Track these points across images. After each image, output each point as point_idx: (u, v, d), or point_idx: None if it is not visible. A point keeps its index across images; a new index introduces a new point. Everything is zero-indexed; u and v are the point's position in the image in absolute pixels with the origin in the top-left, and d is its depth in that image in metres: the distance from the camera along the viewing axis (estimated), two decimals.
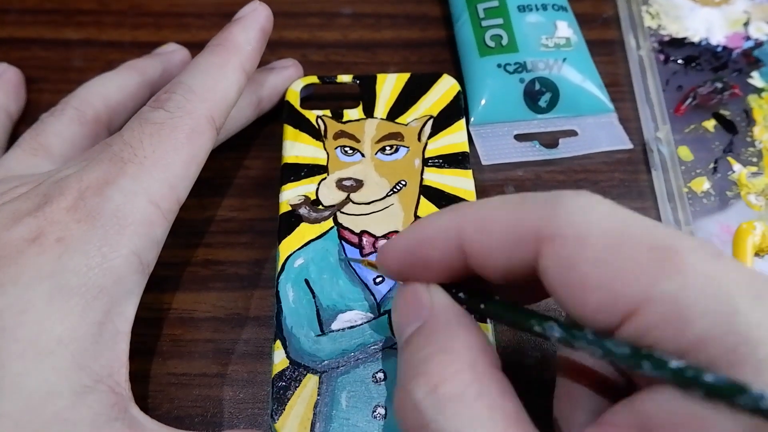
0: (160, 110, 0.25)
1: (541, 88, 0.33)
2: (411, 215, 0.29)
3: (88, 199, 0.23)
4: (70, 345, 0.21)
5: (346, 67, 0.36)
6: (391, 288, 0.27)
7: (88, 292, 0.22)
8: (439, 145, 0.31)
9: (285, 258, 0.28)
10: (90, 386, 0.21)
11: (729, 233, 0.29)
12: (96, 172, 0.24)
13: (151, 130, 0.24)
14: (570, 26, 0.35)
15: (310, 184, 0.30)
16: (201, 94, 0.25)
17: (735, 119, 0.33)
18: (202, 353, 0.27)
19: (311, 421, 0.24)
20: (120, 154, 0.24)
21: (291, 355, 0.26)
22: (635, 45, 0.36)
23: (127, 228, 0.23)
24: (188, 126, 0.25)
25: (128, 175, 0.23)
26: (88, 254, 0.22)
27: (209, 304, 0.29)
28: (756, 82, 0.34)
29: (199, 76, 0.26)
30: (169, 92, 0.26)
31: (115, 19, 0.37)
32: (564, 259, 0.17)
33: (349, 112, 0.32)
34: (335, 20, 0.37)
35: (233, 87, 0.26)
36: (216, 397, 0.27)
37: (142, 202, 0.23)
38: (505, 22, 0.35)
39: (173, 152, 0.24)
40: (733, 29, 0.36)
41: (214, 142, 0.26)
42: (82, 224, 0.22)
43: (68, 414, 0.21)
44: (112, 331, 0.23)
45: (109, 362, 0.22)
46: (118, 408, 0.22)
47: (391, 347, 0.26)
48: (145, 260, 0.24)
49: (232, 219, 0.31)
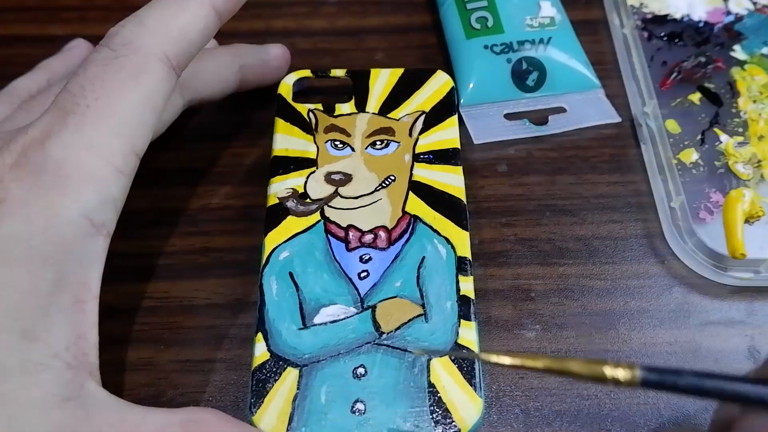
0: (105, 49, 0.22)
1: (528, 68, 0.34)
2: (399, 210, 0.29)
3: (30, 155, 0.21)
4: (18, 320, 0.20)
5: (334, 55, 0.36)
6: (375, 283, 0.27)
7: (32, 262, 0.20)
8: (431, 140, 0.31)
9: (270, 250, 0.28)
10: (43, 363, 0.20)
11: (719, 201, 0.30)
12: (40, 126, 0.21)
13: (94, 73, 0.22)
14: (553, 5, 0.35)
15: (298, 178, 0.30)
16: (153, 27, 0.23)
17: (719, 91, 0.34)
18: (204, 339, 0.28)
19: (289, 415, 0.24)
20: (62, 104, 0.22)
21: (272, 347, 0.25)
22: (619, 23, 0.37)
23: (71, 187, 0.21)
24: (135, 65, 0.22)
25: (70, 127, 0.21)
26: (30, 219, 0.20)
27: (209, 291, 0.29)
28: (738, 55, 0.35)
29: (156, 9, 0.23)
30: (119, 26, 0.23)
31: (99, 14, 0.37)
32: None
33: (341, 107, 0.32)
34: (322, 8, 0.38)
35: (196, 24, 0.23)
36: (220, 381, 0.27)
37: (86, 155, 0.21)
38: (489, 3, 0.35)
39: (119, 96, 0.22)
40: (714, 5, 0.37)
41: (173, 84, 0.24)
42: (23, 183, 0.20)
43: (17, 394, 0.19)
44: (67, 301, 0.21)
45: (64, 335, 0.21)
46: (74, 385, 0.20)
47: (372, 343, 0.26)
48: (98, 221, 0.22)
49: (228, 207, 0.31)
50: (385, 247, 0.28)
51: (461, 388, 0.25)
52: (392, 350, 0.25)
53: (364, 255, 0.28)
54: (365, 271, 0.27)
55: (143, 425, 0.21)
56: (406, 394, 0.25)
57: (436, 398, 0.24)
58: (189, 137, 0.33)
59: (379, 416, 0.24)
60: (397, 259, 0.28)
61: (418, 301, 0.27)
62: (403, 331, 0.26)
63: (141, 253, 0.29)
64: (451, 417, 0.24)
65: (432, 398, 0.24)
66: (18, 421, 0.19)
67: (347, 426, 0.24)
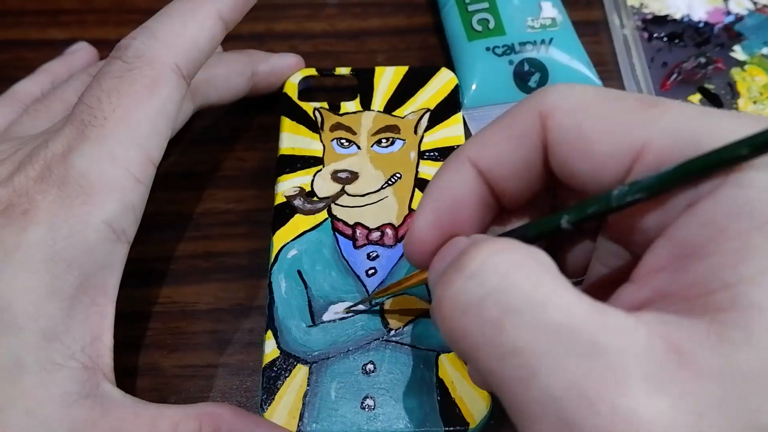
0: (118, 62, 0.23)
1: (530, 69, 0.34)
2: (405, 208, 0.29)
3: (54, 168, 0.22)
4: (39, 320, 0.21)
5: (335, 57, 0.36)
6: (383, 281, 0.27)
7: (55, 267, 0.21)
8: (436, 138, 0.31)
9: (278, 249, 0.28)
10: (60, 363, 0.21)
11: None
12: (60, 139, 0.22)
13: (110, 86, 0.23)
14: (554, 6, 0.35)
15: (305, 176, 0.30)
16: (164, 39, 0.23)
17: (720, 92, 0.34)
18: (206, 344, 0.27)
19: (300, 411, 0.24)
20: (80, 116, 0.22)
21: (282, 345, 0.26)
22: (619, 24, 0.37)
23: (93, 196, 0.22)
24: (149, 77, 0.23)
25: (90, 139, 0.22)
26: (54, 227, 0.21)
27: (211, 296, 0.29)
28: (738, 55, 0.35)
29: (166, 20, 0.24)
30: (130, 38, 0.24)
31: (98, 17, 0.37)
32: (568, 124, 0.18)
33: (346, 105, 0.32)
34: (322, 10, 0.38)
35: (204, 33, 0.24)
36: (223, 386, 0.27)
37: (108, 166, 0.22)
38: (490, 5, 0.35)
39: (135, 108, 0.23)
40: (714, 5, 0.37)
41: (185, 92, 0.24)
42: (47, 195, 0.21)
43: (37, 391, 0.20)
44: (86, 304, 0.22)
45: (81, 336, 0.22)
46: (90, 384, 0.21)
47: (381, 339, 0.26)
48: (119, 228, 0.22)
49: (229, 211, 0.31)
50: (392, 244, 0.28)
51: (469, 383, 0.25)
52: (401, 346, 0.26)
53: (371, 252, 0.28)
54: (373, 269, 0.27)
55: (159, 420, 0.21)
56: (414, 389, 0.25)
57: (444, 394, 0.25)
58: (191, 140, 0.33)
59: (389, 412, 0.24)
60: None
61: (425, 298, 0.27)
62: (411, 327, 0.26)
63: (144, 258, 0.29)
64: (459, 412, 0.24)
65: (440, 394, 0.25)
66: (35, 415, 0.20)
67: (357, 421, 0.24)
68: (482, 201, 0.20)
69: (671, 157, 0.16)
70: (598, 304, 0.15)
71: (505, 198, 0.20)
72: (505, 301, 0.15)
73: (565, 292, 0.15)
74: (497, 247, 0.16)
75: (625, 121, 0.17)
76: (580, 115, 0.18)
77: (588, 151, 0.18)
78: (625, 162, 0.17)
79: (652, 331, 0.15)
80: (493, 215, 0.21)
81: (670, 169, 0.16)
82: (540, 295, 0.15)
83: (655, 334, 0.15)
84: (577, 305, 0.15)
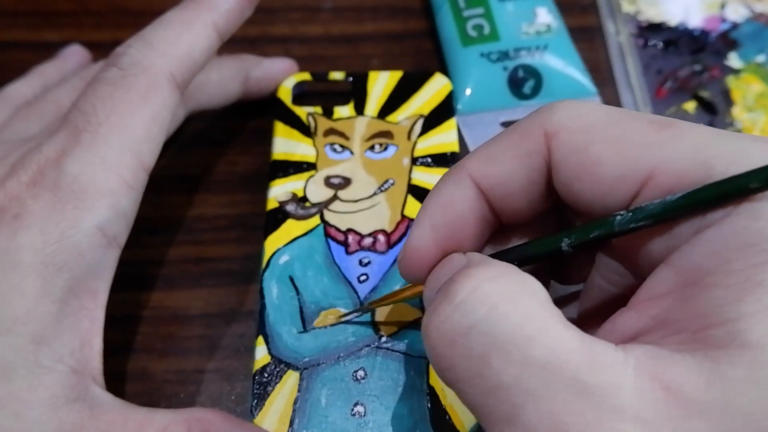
0: (113, 68, 0.23)
1: (524, 75, 0.34)
2: (398, 214, 0.29)
3: (47, 172, 0.22)
4: (28, 324, 0.21)
5: (329, 61, 0.36)
6: (374, 287, 0.27)
7: (45, 270, 0.21)
8: (429, 144, 0.31)
9: (270, 254, 0.28)
10: (48, 366, 0.21)
11: None
12: (54, 144, 0.22)
13: (104, 93, 0.23)
14: (549, 12, 0.35)
15: (298, 181, 0.30)
16: (159, 48, 0.24)
17: (714, 100, 0.34)
18: (197, 350, 0.27)
19: (290, 417, 0.24)
20: (75, 122, 0.23)
21: (273, 351, 0.26)
22: (614, 31, 0.37)
23: (85, 201, 0.22)
24: (143, 84, 0.23)
25: (83, 144, 0.22)
26: (45, 231, 0.21)
27: (202, 301, 0.28)
28: (733, 63, 0.35)
29: (161, 30, 0.24)
30: (125, 46, 0.24)
31: (94, 19, 0.37)
32: (574, 145, 0.18)
33: (340, 110, 0.32)
34: (317, 15, 0.37)
35: (199, 43, 0.24)
36: (213, 392, 0.26)
37: (100, 172, 0.22)
38: (485, 11, 0.35)
39: (129, 115, 0.23)
40: (710, 12, 0.37)
41: (178, 100, 0.25)
42: (39, 200, 0.22)
43: (25, 394, 0.20)
44: (75, 308, 0.22)
45: (70, 340, 0.22)
46: (79, 388, 0.21)
47: (372, 346, 0.26)
48: (110, 233, 0.23)
49: (221, 216, 0.31)
50: (384, 250, 0.28)
51: None
52: (392, 353, 0.26)
53: (363, 258, 0.28)
54: (365, 275, 0.27)
55: (148, 424, 0.21)
56: (405, 397, 0.25)
57: (435, 401, 0.24)
58: (183, 144, 0.32)
59: (379, 419, 0.24)
60: (396, 263, 0.28)
61: (417, 305, 0.26)
62: (402, 334, 0.26)
63: (134, 262, 0.29)
64: (450, 420, 0.24)
65: (431, 401, 0.25)
66: (23, 418, 0.20)
67: (347, 428, 0.24)
68: (482, 218, 0.20)
69: (681, 183, 0.16)
70: (587, 339, 0.15)
71: (506, 216, 0.20)
72: (492, 335, 0.15)
73: (554, 326, 0.15)
74: (488, 274, 0.16)
75: (635, 144, 0.17)
76: (588, 136, 0.17)
77: (594, 174, 0.17)
78: (632, 186, 0.17)
79: (641, 366, 0.15)
80: (492, 231, 0.21)
81: (675, 198, 0.16)
82: (528, 330, 0.15)
83: (645, 370, 0.14)
84: (565, 341, 0.15)
